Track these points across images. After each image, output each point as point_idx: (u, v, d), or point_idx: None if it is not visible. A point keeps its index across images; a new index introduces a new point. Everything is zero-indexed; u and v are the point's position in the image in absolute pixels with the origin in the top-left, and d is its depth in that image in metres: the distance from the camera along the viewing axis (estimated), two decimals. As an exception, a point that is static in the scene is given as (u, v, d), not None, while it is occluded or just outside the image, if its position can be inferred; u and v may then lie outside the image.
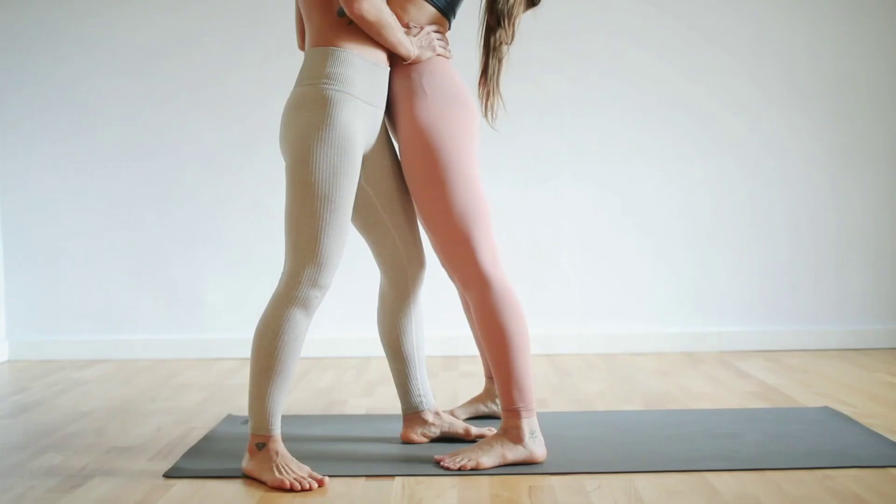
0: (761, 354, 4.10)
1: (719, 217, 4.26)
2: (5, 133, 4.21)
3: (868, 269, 4.26)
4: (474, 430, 2.67)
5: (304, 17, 2.43)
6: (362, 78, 2.35)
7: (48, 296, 4.24)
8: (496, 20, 2.60)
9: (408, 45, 2.43)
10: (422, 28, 2.49)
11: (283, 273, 2.33)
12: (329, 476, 2.31)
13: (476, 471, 2.34)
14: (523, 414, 2.41)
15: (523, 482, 2.28)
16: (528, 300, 4.22)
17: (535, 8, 2.67)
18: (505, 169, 4.18)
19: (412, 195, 2.49)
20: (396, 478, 2.33)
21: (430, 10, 2.51)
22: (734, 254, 4.26)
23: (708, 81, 4.23)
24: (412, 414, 2.67)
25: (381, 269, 2.62)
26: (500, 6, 2.59)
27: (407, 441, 2.65)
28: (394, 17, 2.38)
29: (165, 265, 4.24)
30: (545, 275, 4.25)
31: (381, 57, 2.41)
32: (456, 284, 2.51)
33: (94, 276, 4.23)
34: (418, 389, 2.67)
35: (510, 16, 2.60)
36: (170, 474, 2.37)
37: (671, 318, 4.26)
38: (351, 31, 2.35)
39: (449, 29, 2.62)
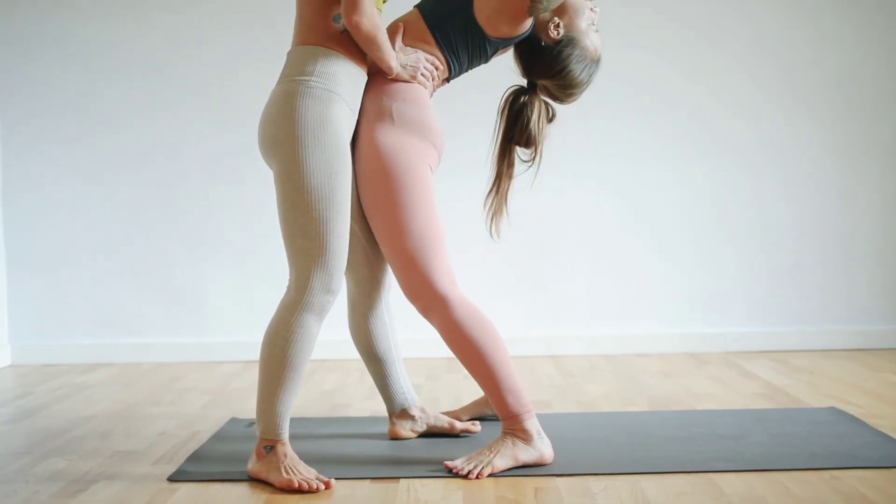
0: (767, 355, 4.09)
1: (724, 217, 4.25)
2: (9, 137, 4.21)
3: (874, 268, 4.25)
4: (458, 424, 2.71)
5: (297, 14, 2.39)
6: (349, 80, 2.34)
7: (51, 300, 4.24)
8: (522, 139, 2.55)
9: (392, 61, 2.40)
10: (416, 51, 2.47)
11: (291, 280, 2.29)
12: (334, 478, 2.31)
13: (491, 475, 2.33)
14: (524, 417, 2.41)
15: (529, 484, 2.27)
16: (532, 301, 4.25)
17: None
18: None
19: (367, 215, 2.46)
20: (401, 480, 2.32)
21: (438, 54, 2.50)
22: (739, 254, 4.25)
23: (711, 82, 4.22)
24: (398, 411, 2.71)
25: (349, 275, 2.61)
26: (529, 127, 2.54)
27: (395, 437, 2.70)
28: (386, 35, 2.36)
29: (168, 269, 4.23)
30: (549, 276, 4.24)
31: (364, 64, 2.42)
32: (418, 311, 2.48)
33: (97, 280, 4.23)
34: (400, 388, 2.71)
35: (539, 141, 2.55)
36: (174, 478, 2.36)
37: (676, 319, 4.25)
38: (342, 37, 2.34)
39: (450, 77, 2.57)
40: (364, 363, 2.73)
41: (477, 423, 2.76)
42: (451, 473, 2.34)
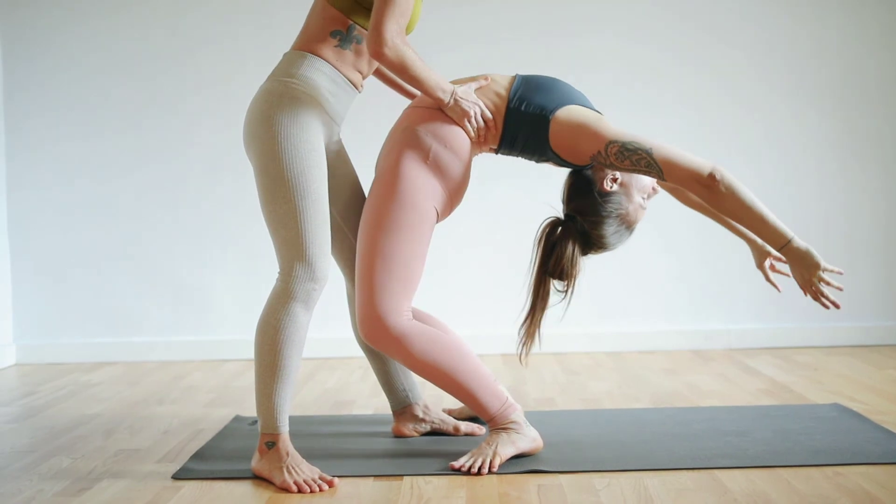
0: (770, 352, 4.09)
1: (727, 214, 4.24)
2: (13, 136, 4.22)
3: (878, 265, 4.25)
4: (463, 426, 2.71)
5: (305, 20, 2.45)
6: (330, 91, 2.38)
7: (56, 299, 4.25)
8: (556, 272, 2.54)
9: (435, 92, 2.39)
10: (478, 101, 2.46)
11: (278, 271, 2.35)
12: (337, 476, 2.31)
13: (494, 473, 2.34)
14: (509, 412, 2.43)
15: (532, 481, 2.27)
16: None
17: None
18: (511, 167, 4.16)
19: (361, 221, 2.47)
20: (405, 477, 2.32)
21: (498, 120, 2.49)
22: (743, 251, 4.24)
23: (716, 78, 4.22)
24: (401, 408, 2.71)
25: (343, 270, 2.65)
26: (563, 262, 2.52)
27: (399, 435, 2.70)
28: (419, 57, 2.34)
29: (172, 267, 4.24)
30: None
31: (357, 78, 2.43)
32: (373, 347, 2.47)
33: (101, 279, 4.24)
34: (402, 384, 2.71)
35: (572, 276, 2.54)
36: (178, 476, 2.37)
37: (680, 316, 4.25)
38: (337, 50, 2.38)
39: (497, 150, 2.55)
40: (367, 360, 2.74)
41: (481, 426, 2.74)
42: (456, 473, 2.34)
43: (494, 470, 2.33)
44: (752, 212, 2.36)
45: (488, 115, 2.47)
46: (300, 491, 2.24)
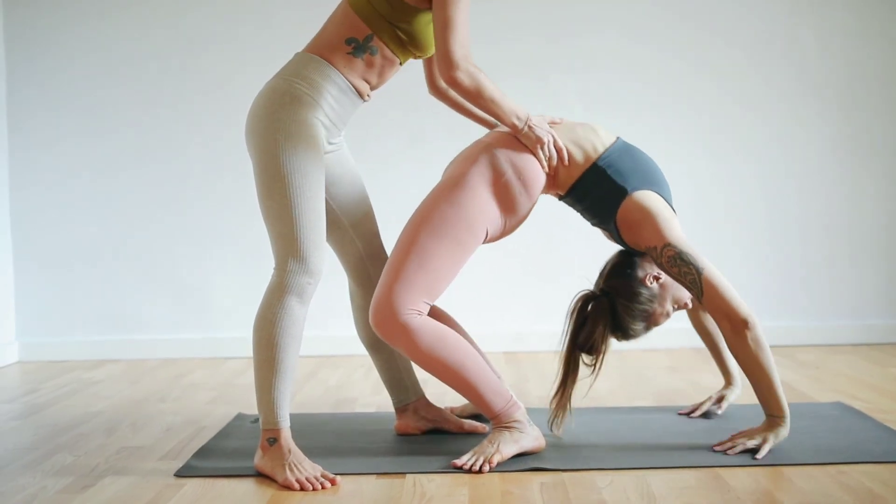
0: (773, 350, 4.03)
1: (731, 212, 4.24)
2: (16, 135, 4.22)
3: (880, 263, 4.24)
4: (467, 423, 2.71)
5: (324, 24, 2.45)
6: (334, 96, 2.38)
7: (58, 297, 4.25)
8: (585, 347, 2.54)
9: (509, 118, 2.40)
10: (555, 133, 2.47)
11: (274, 266, 2.37)
12: (340, 474, 2.31)
13: (500, 466, 2.34)
14: (512, 410, 2.43)
15: (534, 479, 2.27)
16: (538, 295, 4.25)
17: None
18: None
19: (413, 213, 2.47)
20: (407, 475, 2.32)
21: (576, 163, 2.50)
22: (746, 249, 4.25)
23: (718, 77, 4.21)
24: (404, 406, 2.71)
25: (346, 270, 2.68)
26: (593, 338, 2.52)
27: (402, 433, 2.70)
28: (495, 88, 2.35)
29: (174, 265, 4.24)
30: (555, 271, 4.24)
31: (364, 87, 2.43)
32: (382, 338, 2.45)
33: (104, 278, 4.24)
34: (404, 381, 2.72)
35: (601, 352, 2.54)
36: (181, 473, 2.37)
37: (682, 314, 4.23)
38: (349, 58, 2.38)
39: (562, 196, 2.57)
40: (370, 357, 2.74)
41: (484, 425, 2.74)
42: (458, 470, 2.34)
43: (494, 467, 2.33)
44: (765, 374, 2.41)
45: (561, 145, 2.47)
46: (302, 489, 2.24)
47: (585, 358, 2.57)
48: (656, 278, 2.53)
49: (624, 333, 2.56)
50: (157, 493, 2.22)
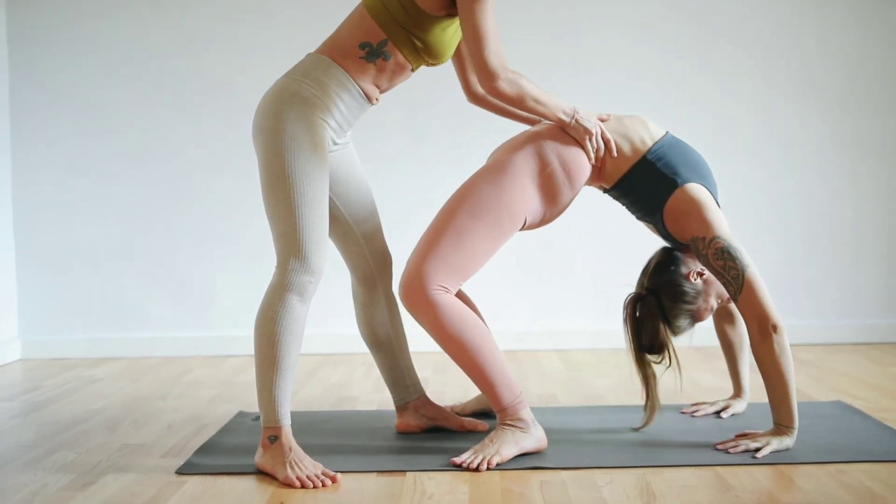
0: (773, 349, 4.08)
1: (732, 211, 4.22)
2: (18, 134, 4.23)
3: (882, 263, 4.25)
4: (467, 421, 2.71)
5: (338, 26, 2.45)
6: (342, 99, 2.38)
7: (60, 295, 4.26)
8: (653, 349, 2.56)
9: (556, 113, 2.43)
10: (602, 123, 2.49)
11: (275, 265, 2.38)
12: (340, 472, 2.32)
13: (499, 465, 2.35)
14: (519, 407, 2.43)
15: (534, 477, 2.28)
16: (539, 295, 4.25)
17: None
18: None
19: (454, 193, 2.48)
20: (408, 473, 2.33)
21: (624, 156, 2.52)
22: (746, 248, 4.22)
23: (719, 76, 4.22)
24: (404, 404, 2.72)
25: (349, 268, 2.69)
26: (657, 340, 2.54)
27: (403, 431, 2.70)
28: (536, 90, 2.37)
29: (175, 263, 4.25)
30: (556, 269, 4.24)
31: (373, 91, 2.43)
32: (407, 311, 2.46)
33: (106, 276, 4.25)
34: (405, 380, 2.72)
35: (666, 346, 2.55)
36: (182, 471, 2.37)
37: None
38: (361, 63, 2.38)
39: (607, 189, 2.58)
40: (371, 354, 2.75)
41: (484, 422, 2.74)
42: (458, 468, 2.34)
43: (492, 466, 2.33)
44: (783, 382, 2.42)
45: (608, 136, 2.49)
46: (303, 486, 2.24)
47: (655, 357, 2.58)
48: (700, 274, 2.55)
49: (671, 330, 2.57)
50: (158, 491, 2.23)
